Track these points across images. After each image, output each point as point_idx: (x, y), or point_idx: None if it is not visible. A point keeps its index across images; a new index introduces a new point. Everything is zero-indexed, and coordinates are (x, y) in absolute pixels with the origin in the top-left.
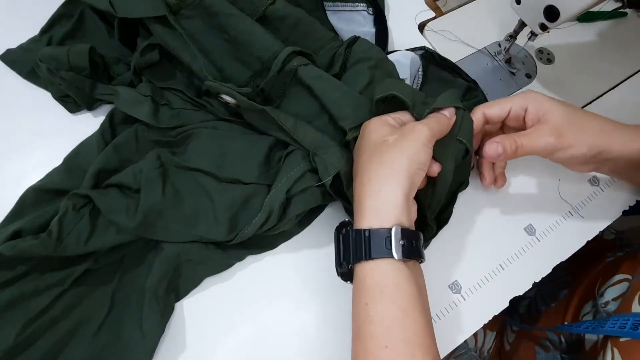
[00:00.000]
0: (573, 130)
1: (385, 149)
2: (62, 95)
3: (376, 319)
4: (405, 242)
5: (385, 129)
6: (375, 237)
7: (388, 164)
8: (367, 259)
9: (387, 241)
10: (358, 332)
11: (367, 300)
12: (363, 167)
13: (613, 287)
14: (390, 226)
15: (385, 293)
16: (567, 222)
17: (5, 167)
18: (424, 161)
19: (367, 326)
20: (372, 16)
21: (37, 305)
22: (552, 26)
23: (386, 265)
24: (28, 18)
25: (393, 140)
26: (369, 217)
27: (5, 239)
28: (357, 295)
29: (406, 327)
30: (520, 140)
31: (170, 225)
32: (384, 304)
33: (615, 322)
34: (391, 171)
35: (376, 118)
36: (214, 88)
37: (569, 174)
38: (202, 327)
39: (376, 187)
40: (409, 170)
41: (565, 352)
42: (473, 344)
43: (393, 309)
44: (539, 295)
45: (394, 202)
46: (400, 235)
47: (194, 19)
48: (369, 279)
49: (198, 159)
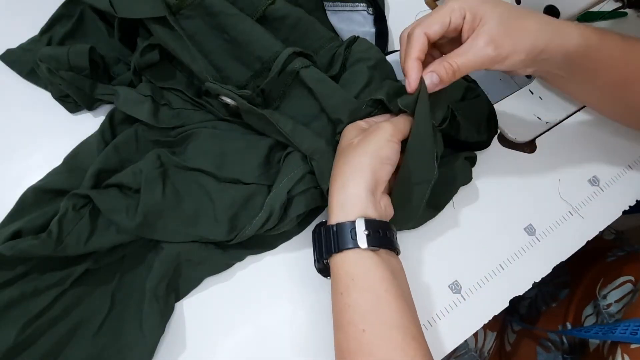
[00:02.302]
0: (510, 38)
1: (351, 149)
2: (62, 95)
3: (352, 306)
4: (371, 232)
5: (354, 132)
6: (341, 230)
7: (351, 162)
8: (337, 252)
9: (353, 232)
10: (337, 320)
11: (341, 290)
12: (333, 169)
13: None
14: (354, 218)
15: (356, 281)
16: (567, 222)
17: (5, 167)
18: (388, 155)
19: (344, 314)
20: (372, 16)
21: (37, 305)
22: None
23: (354, 255)
24: (28, 18)
25: (357, 141)
26: (335, 213)
27: (5, 239)
28: (333, 286)
29: (381, 311)
30: (455, 62)
31: (170, 225)
32: (357, 291)
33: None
34: (353, 168)
35: (350, 124)
36: (214, 89)
37: (569, 174)
38: (202, 327)
39: (340, 184)
40: (371, 165)
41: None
42: (473, 344)
43: (366, 295)
44: (540, 295)
45: (357, 196)
46: (364, 226)
47: (194, 19)
48: (341, 269)
49: (198, 159)
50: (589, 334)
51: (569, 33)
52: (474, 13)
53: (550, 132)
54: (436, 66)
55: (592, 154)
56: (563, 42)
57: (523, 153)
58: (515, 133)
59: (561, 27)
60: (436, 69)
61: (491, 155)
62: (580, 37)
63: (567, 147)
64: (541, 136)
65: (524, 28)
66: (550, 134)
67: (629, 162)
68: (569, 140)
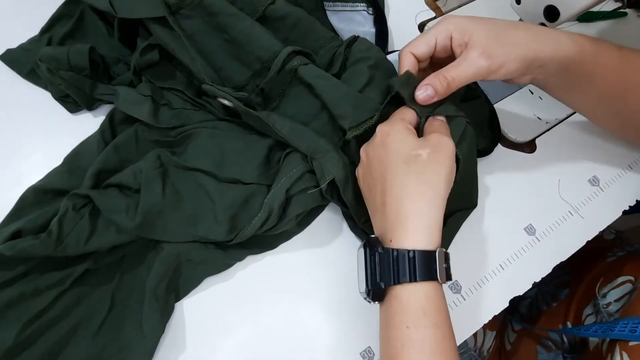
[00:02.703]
0: (502, 47)
1: (422, 165)
2: (62, 95)
3: (418, 343)
4: (447, 265)
5: (411, 138)
6: (421, 258)
7: (430, 183)
8: (412, 281)
9: (432, 264)
10: (396, 355)
11: (409, 324)
12: (399, 182)
13: (616, 288)
14: (434, 248)
15: (429, 317)
16: (567, 222)
17: (5, 167)
18: (454, 176)
19: (407, 350)
20: (372, 16)
21: (37, 305)
22: (552, 26)
23: (431, 289)
24: (28, 18)
25: (427, 156)
26: (412, 238)
27: (5, 239)
28: (396, 317)
29: (446, 351)
30: (450, 75)
31: (170, 225)
32: (427, 327)
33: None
34: (433, 191)
35: (397, 122)
36: (211, 92)
37: (569, 174)
38: (202, 327)
39: (419, 208)
40: (447, 189)
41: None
42: (473, 344)
43: (436, 333)
44: (540, 295)
45: (438, 224)
46: (443, 259)
47: (193, 19)
48: (413, 301)
49: (198, 159)
50: (588, 332)
51: (561, 40)
52: (462, 30)
53: (550, 132)
54: (431, 79)
55: (592, 154)
56: (556, 49)
57: (523, 153)
58: (515, 133)
59: (553, 35)
60: (431, 82)
61: (491, 155)
62: (574, 45)
63: (567, 147)
64: (541, 136)
65: (515, 37)
66: (550, 134)
67: (629, 162)
68: (569, 140)
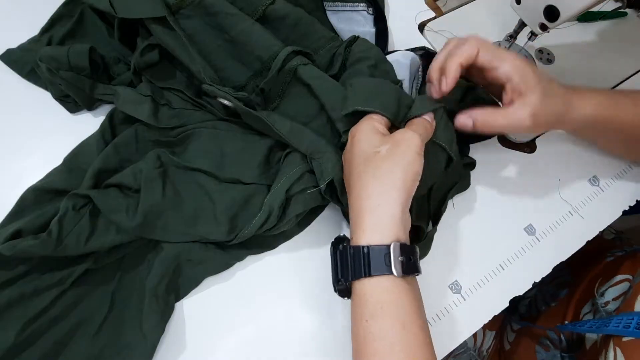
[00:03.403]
0: (545, 115)
1: (380, 161)
2: (62, 95)
3: (378, 336)
4: (404, 258)
5: (375, 137)
6: (375, 253)
7: (384, 177)
8: (367, 276)
9: (387, 258)
10: (360, 349)
11: (367, 317)
12: (358, 180)
13: (614, 287)
14: (389, 242)
15: (385, 309)
16: (567, 222)
17: (5, 167)
18: (418, 170)
19: (369, 343)
20: (372, 16)
21: (37, 305)
22: (552, 26)
23: (386, 282)
24: (28, 18)
25: (386, 151)
26: (367, 234)
27: (5, 239)
28: (358, 312)
29: (408, 342)
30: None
31: (170, 225)
32: (385, 320)
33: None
34: (388, 186)
35: (364, 123)
36: (211, 92)
37: (569, 174)
38: (202, 327)
39: (374, 203)
40: (405, 183)
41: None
42: (472, 344)
43: (395, 325)
44: (539, 294)
45: (392, 218)
46: (399, 252)
47: (193, 19)
48: (369, 296)
49: (198, 159)
50: (583, 327)
51: (585, 107)
52: (525, 80)
53: (550, 132)
54: (477, 115)
55: (592, 154)
56: (578, 117)
57: (523, 153)
58: (515, 133)
59: (579, 103)
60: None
61: (491, 155)
62: (594, 111)
63: (567, 147)
64: (541, 136)
65: (554, 107)
66: (550, 134)
67: (629, 162)
68: (569, 140)
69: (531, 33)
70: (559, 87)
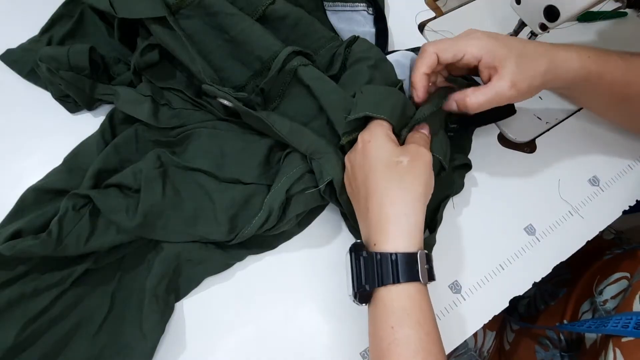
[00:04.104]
0: (526, 80)
1: (404, 172)
2: (62, 95)
3: (403, 342)
4: (429, 266)
5: (392, 147)
6: (404, 261)
7: (410, 189)
8: (395, 283)
9: (414, 266)
10: (383, 354)
11: (393, 324)
12: (380, 188)
13: (611, 285)
14: (416, 250)
15: (412, 316)
16: (567, 222)
17: (5, 167)
18: (432, 184)
19: (393, 349)
20: (372, 16)
21: (37, 305)
22: (552, 26)
23: (413, 289)
24: (28, 18)
25: (407, 164)
26: (394, 241)
27: (5, 239)
28: (382, 318)
29: (430, 350)
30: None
31: (170, 225)
32: (410, 327)
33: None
34: (414, 197)
35: (377, 130)
36: (211, 92)
37: (569, 174)
38: (202, 327)
39: (400, 211)
40: (427, 195)
41: (565, 351)
42: (473, 344)
43: (420, 332)
44: (539, 294)
45: (417, 226)
46: (425, 260)
47: (193, 19)
48: (396, 302)
49: (198, 159)
50: (582, 327)
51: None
52: (493, 55)
53: (550, 132)
54: (459, 96)
55: (592, 154)
56: (567, 75)
57: (523, 153)
58: (515, 133)
59: (565, 60)
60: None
61: (491, 155)
62: (583, 65)
63: (567, 147)
64: (541, 136)
65: (536, 67)
66: (550, 134)
67: (629, 162)
68: (569, 140)
69: (531, 33)
70: (537, 46)
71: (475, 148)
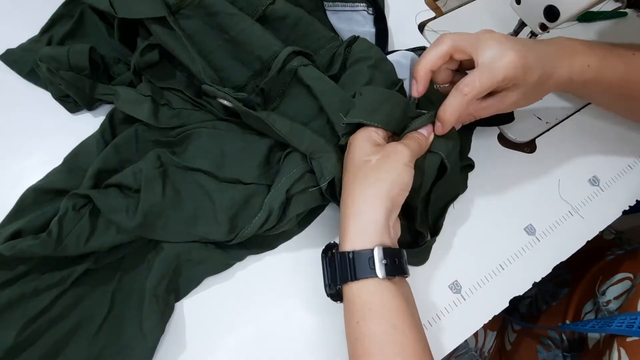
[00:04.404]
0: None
1: (369, 170)
2: (62, 95)
3: (368, 336)
4: (388, 261)
5: (368, 147)
6: (359, 258)
7: (370, 186)
8: (353, 280)
9: (371, 261)
10: (353, 350)
11: (357, 319)
12: (347, 187)
13: (614, 285)
14: (372, 247)
15: (374, 311)
16: (567, 222)
17: (5, 167)
18: (406, 182)
19: (360, 344)
20: (372, 16)
21: (37, 305)
22: (552, 26)
23: (372, 285)
24: (28, 18)
25: (376, 162)
26: (352, 239)
27: (5, 239)
28: (348, 314)
29: (398, 342)
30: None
31: (170, 225)
32: (374, 321)
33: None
34: (374, 194)
35: (361, 133)
36: (211, 92)
37: (569, 174)
38: (202, 327)
39: (358, 209)
40: (391, 192)
41: (567, 351)
42: (473, 344)
43: (383, 326)
44: (540, 294)
45: (375, 224)
46: (382, 255)
47: (193, 19)
48: (357, 298)
49: (198, 159)
50: (586, 327)
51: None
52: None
53: (550, 132)
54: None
55: (592, 154)
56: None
57: (523, 153)
58: (515, 133)
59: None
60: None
61: (491, 155)
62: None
63: (567, 147)
64: (541, 136)
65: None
66: (550, 134)
67: (629, 162)
68: (569, 140)
69: (531, 33)
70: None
71: (475, 148)
